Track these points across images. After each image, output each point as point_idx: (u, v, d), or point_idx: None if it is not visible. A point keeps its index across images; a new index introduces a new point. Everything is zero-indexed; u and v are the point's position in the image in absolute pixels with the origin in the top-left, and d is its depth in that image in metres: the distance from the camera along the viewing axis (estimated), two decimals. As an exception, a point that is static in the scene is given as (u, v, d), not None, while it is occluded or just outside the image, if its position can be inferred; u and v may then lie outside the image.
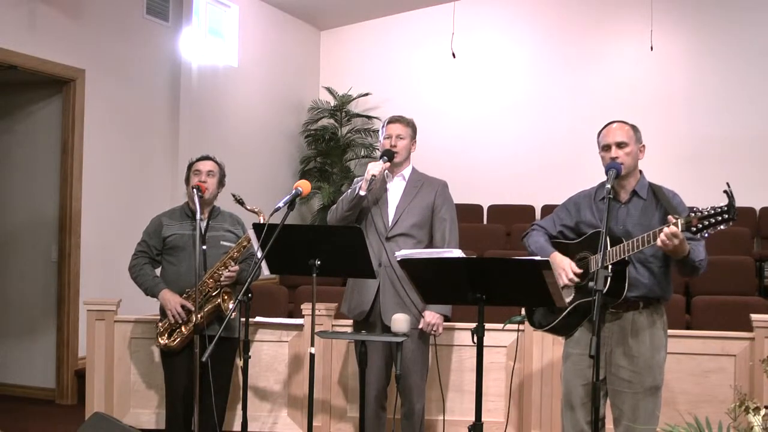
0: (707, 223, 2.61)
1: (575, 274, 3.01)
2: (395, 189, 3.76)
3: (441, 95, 8.61)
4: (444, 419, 4.12)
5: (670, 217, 2.72)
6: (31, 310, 5.88)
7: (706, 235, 2.65)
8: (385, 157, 3.63)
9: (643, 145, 3.12)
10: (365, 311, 3.67)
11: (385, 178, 3.75)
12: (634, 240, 2.84)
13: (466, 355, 4.33)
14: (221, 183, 3.98)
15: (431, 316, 3.58)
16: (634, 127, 3.10)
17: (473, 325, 2.82)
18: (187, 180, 3.97)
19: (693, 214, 2.65)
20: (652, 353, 3.01)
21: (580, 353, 3.09)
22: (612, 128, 3.08)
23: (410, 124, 3.78)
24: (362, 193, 3.59)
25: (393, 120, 3.77)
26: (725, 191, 2.57)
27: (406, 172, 3.78)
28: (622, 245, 2.87)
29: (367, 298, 3.66)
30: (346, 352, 4.46)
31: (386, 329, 3.56)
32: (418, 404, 3.67)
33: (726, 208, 2.59)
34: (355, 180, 3.80)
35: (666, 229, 2.69)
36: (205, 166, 3.92)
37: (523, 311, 3.91)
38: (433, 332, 3.62)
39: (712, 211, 2.61)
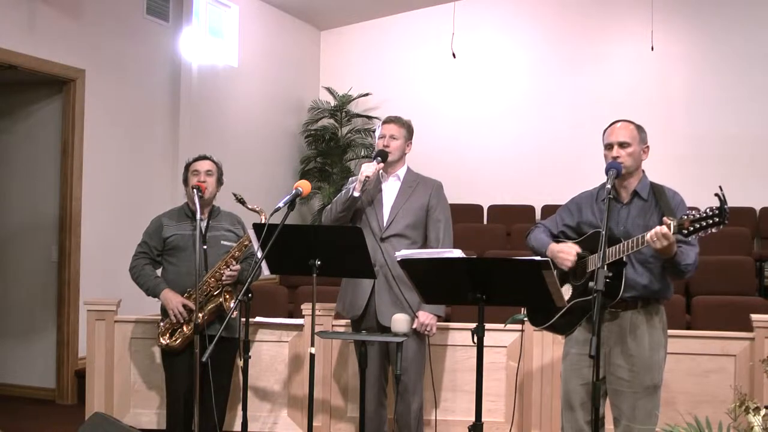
0: (698, 225, 2.64)
1: (574, 269, 3.02)
2: (390, 189, 3.76)
3: (441, 95, 8.61)
4: (435, 419, 4.12)
5: (665, 218, 2.74)
6: (31, 310, 5.88)
7: (697, 237, 2.68)
8: (379, 158, 3.63)
9: (647, 146, 3.11)
10: (360, 311, 3.68)
11: (380, 178, 3.75)
12: (630, 240, 2.85)
13: (464, 355, 4.33)
14: (220, 182, 3.98)
15: (425, 317, 3.59)
16: (639, 128, 3.10)
17: (473, 325, 2.82)
18: (185, 180, 3.97)
19: (685, 217, 2.68)
20: (651, 353, 3.02)
21: (578, 353, 3.10)
22: (616, 128, 3.09)
23: (405, 125, 3.78)
24: (356, 194, 3.59)
25: (388, 120, 3.79)
26: (717, 194, 2.59)
27: (401, 172, 3.79)
28: (619, 245, 2.88)
29: (361, 297, 3.67)
30: (346, 352, 4.46)
31: (381, 329, 3.58)
32: (415, 404, 3.68)
33: (717, 211, 2.60)
34: (349, 180, 3.80)
35: (656, 228, 2.71)
36: (204, 165, 3.92)
37: (524, 310, 3.91)
38: (426, 332, 3.63)
39: (704, 214, 2.63)
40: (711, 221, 2.62)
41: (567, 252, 3.06)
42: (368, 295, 3.65)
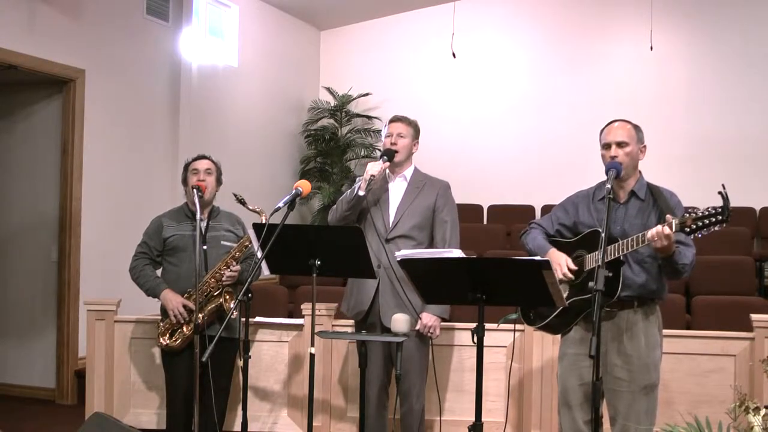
0: (701, 224, 2.64)
1: (570, 271, 3.02)
2: (396, 189, 3.73)
3: (441, 95, 8.61)
4: (440, 419, 4.11)
5: (668, 216, 2.73)
6: (31, 310, 5.88)
7: (700, 235, 2.68)
8: (385, 157, 3.60)
9: (644, 146, 3.11)
10: (363, 311, 3.67)
11: (387, 178, 3.73)
12: (629, 239, 2.84)
13: (465, 355, 4.33)
14: (219, 181, 3.98)
15: (428, 318, 3.57)
16: (636, 127, 3.10)
17: (473, 325, 2.82)
18: (185, 180, 3.97)
19: (687, 215, 2.68)
20: (648, 352, 3.02)
21: (575, 353, 3.10)
22: (613, 127, 3.08)
23: (412, 124, 3.76)
24: (361, 193, 3.57)
25: (395, 119, 3.75)
26: (720, 193, 2.59)
27: (408, 172, 3.76)
28: (617, 244, 2.87)
29: (365, 298, 3.65)
30: (346, 352, 4.46)
31: (385, 330, 3.56)
32: (417, 405, 3.66)
33: (720, 210, 2.60)
34: (357, 179, 3.77)
35: (658, 227, 2.70)
36: (203, 165, 3.92)
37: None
38: (429, 334, 3.61)
39: (707, 212, 2.63)
40: (714, 219, 2.62)
41: (561, 266, 3.00)
42: (372, 296, 3.63)
